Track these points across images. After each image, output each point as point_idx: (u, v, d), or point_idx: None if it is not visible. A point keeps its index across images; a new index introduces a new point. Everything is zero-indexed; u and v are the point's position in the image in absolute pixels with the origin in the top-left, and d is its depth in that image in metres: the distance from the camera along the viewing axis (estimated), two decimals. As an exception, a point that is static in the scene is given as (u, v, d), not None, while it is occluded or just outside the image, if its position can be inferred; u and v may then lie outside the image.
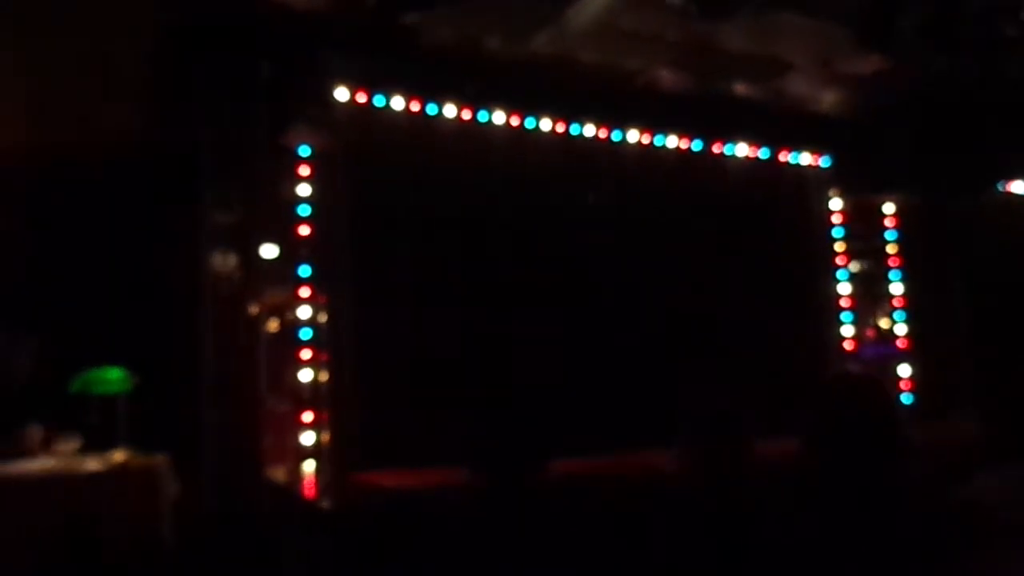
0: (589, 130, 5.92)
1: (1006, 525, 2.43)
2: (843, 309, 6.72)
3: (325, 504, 4.50)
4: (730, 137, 6.37)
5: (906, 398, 6.70)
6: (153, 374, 4.75)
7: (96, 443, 4.59)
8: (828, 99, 6.37)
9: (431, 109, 5.42)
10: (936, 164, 6.35)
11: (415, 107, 5.37)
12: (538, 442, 2.66)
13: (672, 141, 6.22)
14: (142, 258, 5.18)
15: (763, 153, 6.55)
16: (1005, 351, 6.58)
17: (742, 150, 6.46)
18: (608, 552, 2.66)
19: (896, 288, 6.92)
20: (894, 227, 6.95)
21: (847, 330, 6.72)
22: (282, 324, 5.08)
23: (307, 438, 4.82)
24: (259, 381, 4.83)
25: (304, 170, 5.02)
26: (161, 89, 5.03)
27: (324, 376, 4.85)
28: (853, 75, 5.97)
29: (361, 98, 5.20)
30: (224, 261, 4.80)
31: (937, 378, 6.62)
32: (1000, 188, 7.28)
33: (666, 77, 5.90)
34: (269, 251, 5.05)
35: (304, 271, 4.95)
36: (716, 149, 6.38)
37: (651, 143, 6.14)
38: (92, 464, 4.42)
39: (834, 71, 5.95)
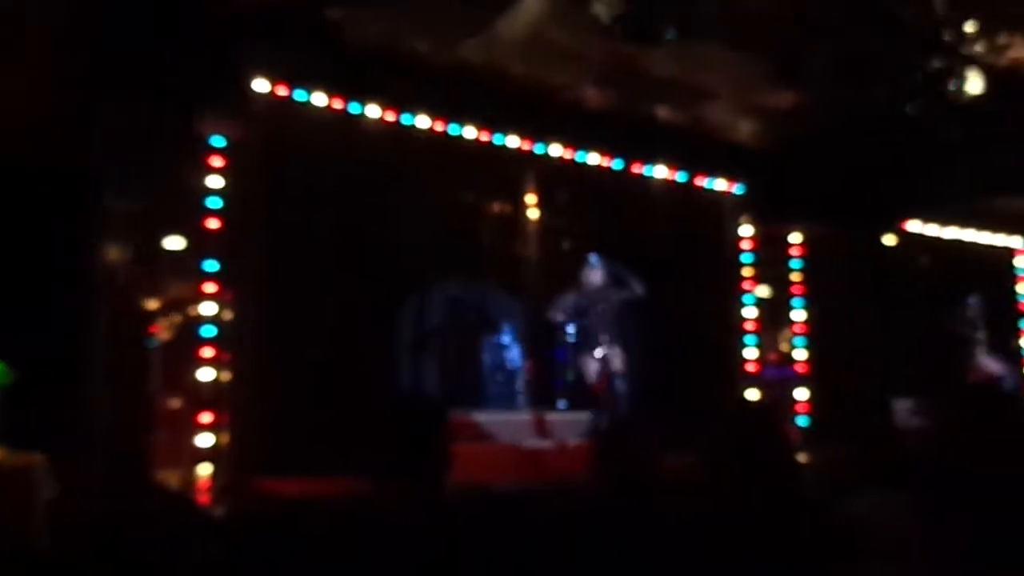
0: (513, 141, 5.93)
1: (875, 547, 2.53)
2: (748, 332, 6.92)
3: (219, 511, 4.31)
4: (650, 159, 6.49)
5: (802, 420, 6.94)
6: (35, 369, 4.45)
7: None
8: (744, 129, 6.58)
9: (354, 108, 5.31)
10: (842, 198, 6.63)
11: (337, 105, 5.26)
12: (446, 451, 2.61)
13: (593, 158, 6.30)
14: (29, 246, 4.84)
15: (680, 177, 6.70)
16: (883, 379, 6.89)
17: (660, 172, 6.59)
18: (514, 563, 2.63)
19: (798, 314, 7.18)
20: (799, 256, 7.22)
21: (751, 352, 6.92)
22: (185, 320, 4.86)
23: (205, 440, 4.62)
24: (152, 379, 4.60)
25: (216, 161, 4.82)
26: (61, 70, 4.75)
27: (226, 376, 4.66)
28: (769, 107, 6.18)
29: (281, 91, 5.06)
30: (120, 252, 4.54)
31: (832, 403, 6.87)
32: (899, 224, 7.67)
33: (591, 95, 5.97)
34: (174, 243, 4.83)
35: (211, 266, 4.75)
36: (635, 169, 6.49)
37: (573, 158, 6.21)
38: (-37, 461, 4.11)
39: (751, 102, 6.15)
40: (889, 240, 7.50)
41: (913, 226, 7.75)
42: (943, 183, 6.77)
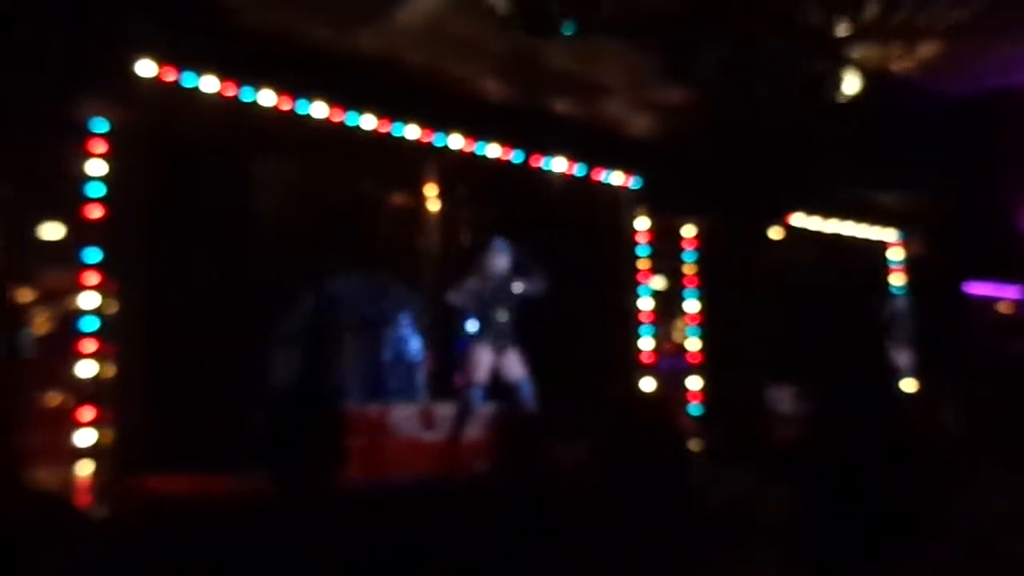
0: (412, 131, 5.88)
1: (753, 529, 2.67)
2: (644, 323, 7.10)
3: (100, 511, 4.13)
4: (549, 152, 6.56)
5: (695, 409, 7.19)
6: None
7: None
8: (640, 124, 6.73)
9: (247, 94, 5.15)
10: (732, 192, 6.89)
11: (229, 91, 5.09)
12: (334, 448, 2.59)
13: (493, 150, 6.32)
14: None
15: (579, 170, 6.80)
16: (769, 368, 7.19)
17: (559, 166, 6.68)
18: (402, 561, 2.63)
19: (691, 305, 7.42)
20: (692, 248, 7.46)
21: (647, 343, 7.10)
22: (64, 312, 4.64)
23: (85, 438, 4.42)
24: (22, 373, 4.36)
25: (98, 146, 4.60)
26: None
27: (108, 371, 4.47)
28: (662, 103, 6.35)
29: (169, 75, 4.86)
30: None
31: (721, 391, 7.12)
32: (784, 218, 8.01)
33: (491, 87, 5.99)
34: (52, 231, 4.59)
35: (92, 255, 4.54)
36: (535, 162, 6.55)
37: (472, 150, 6.20)
38: None
39: (645, 97, 6.30)
40: (775, 233, 7.84)
41: (797, 220, 8.13)
42: (824, 179, 7.13)
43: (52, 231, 4.62)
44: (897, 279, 9.01)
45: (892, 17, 5.44)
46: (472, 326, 5.64)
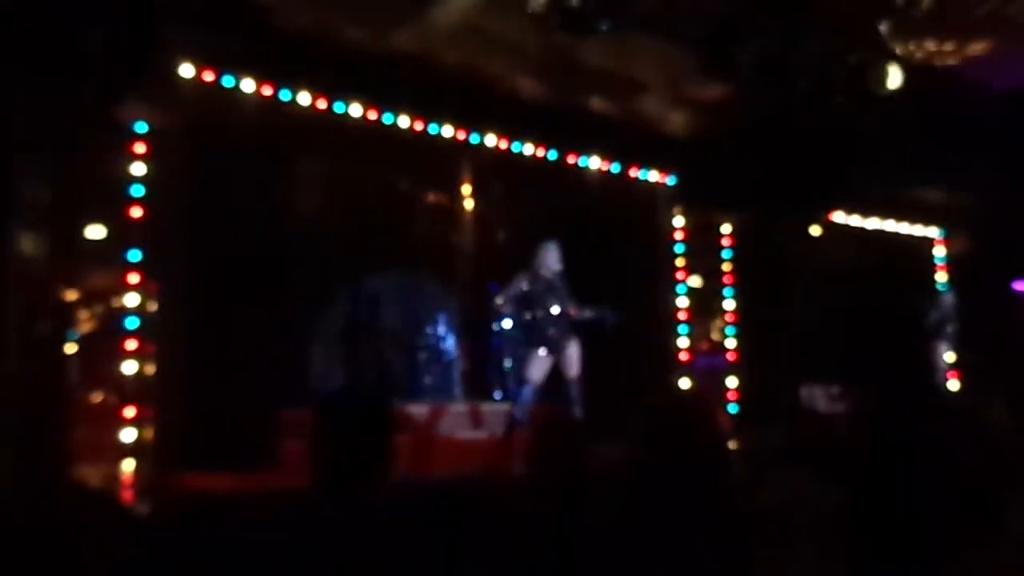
0: (447, 130, 5.89)
1: (796, 528, 2.61)
2: (680, 321, 7.03)
3: (143, 508, 4.19)
4: (584, 150, 6.52)
5: (732, 408, 7.10)
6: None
7: None
8: (676, 120, 6.66)
9: (284, 95, 5.20)
10: (770, 189, 6.78)
11: (267, 91, 5.14)
12: (380, 446, 2.58)
13: (528, 148, 6.30)
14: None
15: (614, 168, 6.75)
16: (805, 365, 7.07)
17: (595, 163, 6.64)
18: (444, 560, 2.62)
19: (729, 304, 7.32)
20: (729, 246, 7.36)
21: (683, 341, 7.03)
22: (107, 312, 4.71)
23: (128, 435, 4.48)
24: (72, 372, 4.44)
25: (139, 148, 4.67)
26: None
27: (150, 369, 4.54)
28: (699, 99, 6.28)
29: (208, 77, 4.92)
30: (36, 241, 4.35)
31: (758, 389, 7.03)
32: (824, 215, 7.88)
33: (526, 85, 5.97)
34: (95, 232, 4.67)
35: (134, 255, 4.61)
36: (570, 160, 6.52)
37: (508, 148, 6.19)
38: None
39: (682, 94, 6.23)
40: (815, 230, 7.71)
41: (838, 217, 7.99)
42: (865, 175, 6.99)
43: (95, 232, 4.69)
44: (941, 277, 8.82)
45: (975, 11, 5.29)
46: (509, 324, 5.62)
